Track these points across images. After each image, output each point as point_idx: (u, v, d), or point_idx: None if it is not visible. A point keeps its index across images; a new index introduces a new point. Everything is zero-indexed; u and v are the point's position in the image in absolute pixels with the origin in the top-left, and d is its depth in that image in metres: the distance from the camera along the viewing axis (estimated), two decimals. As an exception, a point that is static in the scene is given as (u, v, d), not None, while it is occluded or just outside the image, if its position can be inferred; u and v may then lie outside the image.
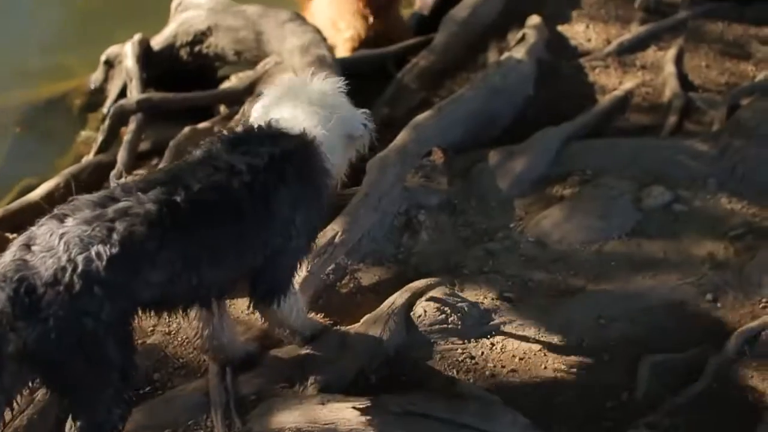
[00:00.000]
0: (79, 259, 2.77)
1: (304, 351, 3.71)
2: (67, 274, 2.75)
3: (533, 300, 4.01)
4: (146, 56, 5.99)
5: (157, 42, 6.06)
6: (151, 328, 3.93)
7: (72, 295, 2.75)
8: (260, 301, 3.45)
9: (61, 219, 2.86)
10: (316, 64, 5.08)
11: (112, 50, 6.08)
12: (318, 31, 5.43)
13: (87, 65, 6.27)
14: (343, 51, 6.04)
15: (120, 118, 5.52)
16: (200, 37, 5.92)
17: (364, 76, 5.66)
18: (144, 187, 2.97)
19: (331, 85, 3.48)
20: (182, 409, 3.54)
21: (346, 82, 3.55)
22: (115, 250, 2.81)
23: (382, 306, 3.85)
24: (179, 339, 3.88)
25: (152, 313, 3.15)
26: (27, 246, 2.82)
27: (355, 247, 4.18)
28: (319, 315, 3.95)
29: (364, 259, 4.20)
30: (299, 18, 5.58)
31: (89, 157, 5.39)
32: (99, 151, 5.43)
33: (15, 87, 6.32)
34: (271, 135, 3.25)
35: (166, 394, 3.65)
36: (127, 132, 5.34)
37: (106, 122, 5.54)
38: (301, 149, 3.24)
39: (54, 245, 2.78)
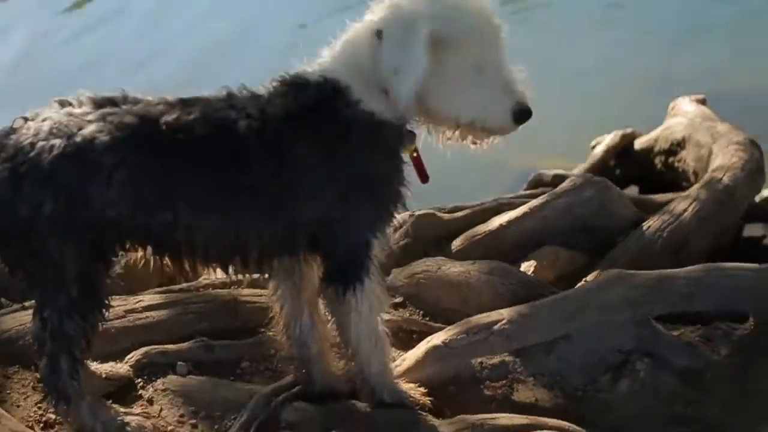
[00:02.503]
0: (38, 145, 2.71)
1: (373, 410, 3.15)
2: (21, 155, 2.72)
3: None
4: (625, 152, 5.56)
5: (641, 142, 5.54)
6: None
7: (15, 175, 2.71)
8: (329, 285, 3.02)
9: (63, 105, 2.83)
10: (709, 189, 4.22)
11: (601, 137, 5.74)
12: (752, 158, 4.45)
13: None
14: None
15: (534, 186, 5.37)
16: (675, 147, 5.24)
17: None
18: (149, 103, 2.81)
19: None
20: (222, 398, 3.26)
21: None
22: (69, 150, 2.69)
23: (483, 416, 3.08)
24: (300, 347, 3.55)
25: (146, 250, 2.93)
26: (26, 119, 2.83)
27: (535, 355, 3.37)
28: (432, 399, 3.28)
29: (536, 373, 3.37)
30: (750, 143, 4.62)
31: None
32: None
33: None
34: (292, 84, 2.86)
35: (226, 381, 3.39)
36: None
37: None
38: (323, 103, 2.81)
39: (38, 128, 2.76)
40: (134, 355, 3.43)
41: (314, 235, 2.93)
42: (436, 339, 3.36)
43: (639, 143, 5.54)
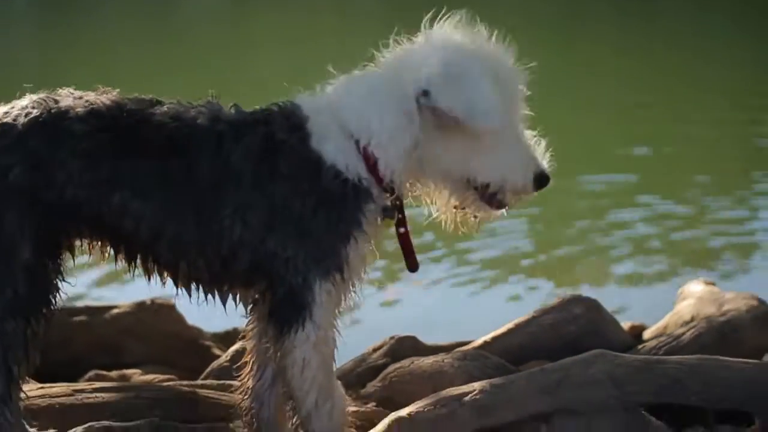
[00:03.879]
0: (13, 113, 2.76)
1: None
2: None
3: None
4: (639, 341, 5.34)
5: (650, 332, 5.29)
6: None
7: None
8: (269, 323, 2.87)
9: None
10: (710, 321, 4.09)
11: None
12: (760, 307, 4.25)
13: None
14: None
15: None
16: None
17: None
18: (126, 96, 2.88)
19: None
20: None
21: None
22: (44, 117, 2.74)
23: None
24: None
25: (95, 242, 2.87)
26: None
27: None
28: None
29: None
30: (758, 299, 4.42)
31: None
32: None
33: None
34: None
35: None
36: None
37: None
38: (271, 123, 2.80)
39: (15, 104, 2.81)
40: (76, 430, 3.17)
41: (255, 262, 2.80)
42: (402, 411, 3.08)
43: (648, 333, 5.31)
